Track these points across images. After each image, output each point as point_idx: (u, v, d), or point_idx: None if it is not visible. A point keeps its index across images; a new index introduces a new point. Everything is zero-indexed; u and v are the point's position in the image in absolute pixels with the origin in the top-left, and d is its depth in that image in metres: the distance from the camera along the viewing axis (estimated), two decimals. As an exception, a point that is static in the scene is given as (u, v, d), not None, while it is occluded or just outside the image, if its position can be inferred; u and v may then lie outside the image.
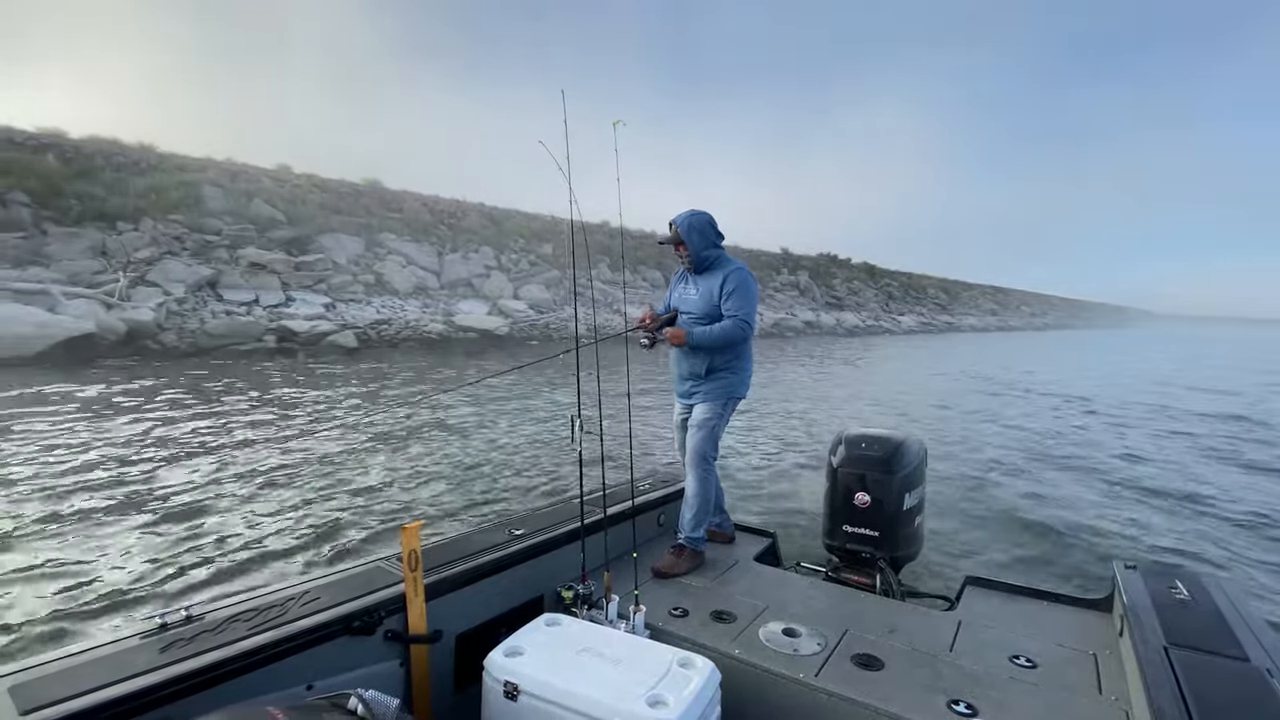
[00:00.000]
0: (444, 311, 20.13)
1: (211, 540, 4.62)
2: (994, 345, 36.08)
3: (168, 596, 3.82)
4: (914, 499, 3.05)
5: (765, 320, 31.34)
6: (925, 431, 9.41)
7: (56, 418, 7.92)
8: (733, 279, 3.00)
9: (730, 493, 4.23)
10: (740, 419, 9.48)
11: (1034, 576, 4.44)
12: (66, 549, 4.39)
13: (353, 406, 9.61)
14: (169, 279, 15.31)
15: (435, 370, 13.95)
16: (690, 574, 2.96)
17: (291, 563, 4.35)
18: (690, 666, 1.80)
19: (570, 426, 2.45)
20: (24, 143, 17.15)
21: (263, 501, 5.44)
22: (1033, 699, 2.05)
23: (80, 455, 6.44)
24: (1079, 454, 8.77)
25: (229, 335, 14.63)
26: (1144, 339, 58.01)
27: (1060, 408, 13.08)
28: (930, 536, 3.61)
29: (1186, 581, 2.46)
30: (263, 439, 7.44)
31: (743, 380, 3.12)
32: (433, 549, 2.36)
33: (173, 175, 18.84)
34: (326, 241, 19.91)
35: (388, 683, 1.98)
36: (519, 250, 25.48)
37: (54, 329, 11.96)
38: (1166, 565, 2.79)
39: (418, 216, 24.09)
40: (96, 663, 1.56)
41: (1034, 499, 6.51)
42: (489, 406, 9.93)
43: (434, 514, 5.32)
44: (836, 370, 18.71)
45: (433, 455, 7.12)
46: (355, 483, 6.00)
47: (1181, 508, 6.46)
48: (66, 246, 14.63)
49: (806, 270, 42.53)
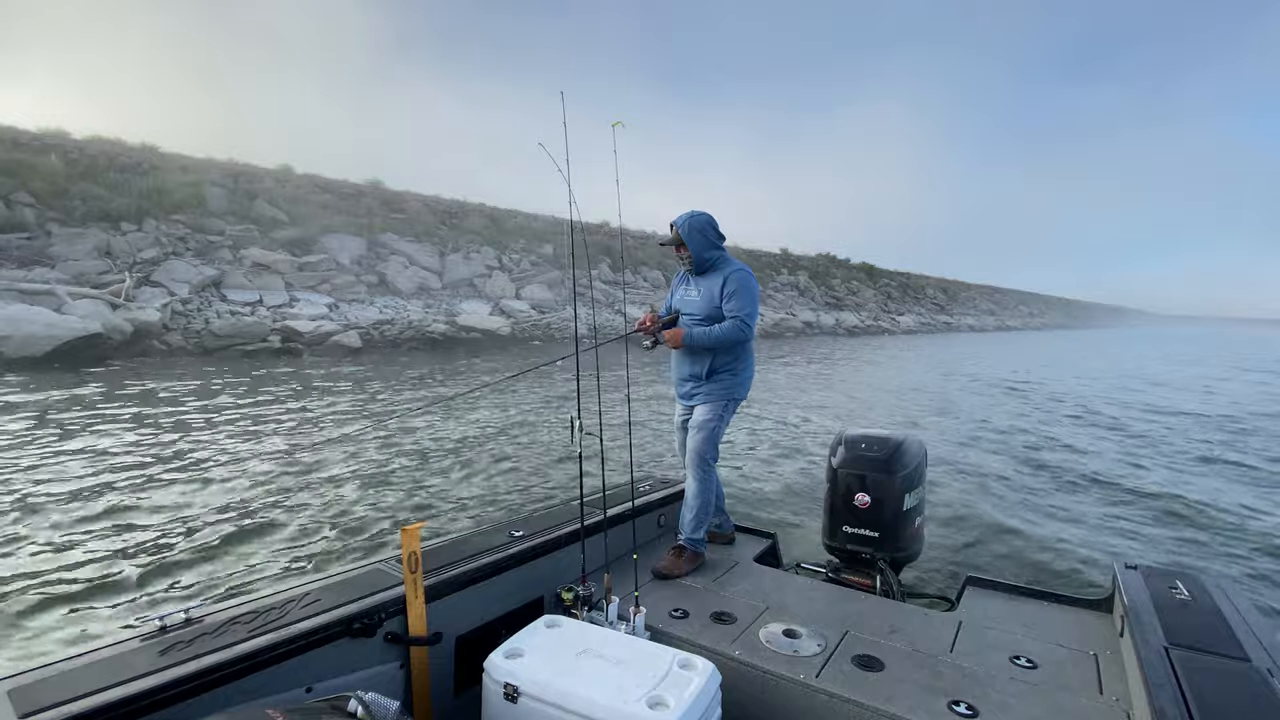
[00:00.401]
0: (446, 312, 20.07)
1: (211, 540, 4.58)
2: (993, 345, 35.98)
3: (167, 599, 3.78)
4: (914, 499, 3.03)
5: (766, 320, 31.30)
6: (925, 432, 9.39)
7: (65, 417, 7.92)
8: (734, 280, 2.97)
9: (730, 494, 4.21)
10: (741, 419, 9.46)
11: (1034, 577, 4.42)
12: (65, 550, 4.36)
13: (360, 409, 9.57)
14: (173, 279, 15.28)
15: (440, 371, 13.88)
16: (690, 575, 2.94)
17: (291, 565, 4.31)
18: (690, 668, 1.79)
19: (570, 428, 2.44)
20: (28, 143, 17.14)
21: (263, 502, 5.40)
22: (1033, 699, 2.03)
23: (80, 458, 6.41)
24: (1080, 454, 8.73)
25: (234, 335, 14.59)
26: (1140, 337, 57.94)
27: (1060, 408, 13.04)
28: (930, 537, 3.59)
29: (1187, 582, 2.46)
30: (264, 440, 7.42)
31: (742, 382, 3.09)
32: (433, 551, 2.35)
33: (175, 176, 18.82)
34: (329, 242, 19.88)
35: (388, 685, 1.97)
36: (520, 250, 25.44)
37: (61, 329, 11.93)
38: (1167, 565, 2.78)
39: (419, 217, 24.05)
40: (96, 665, 1.55)
41: (1034, 499, 6.48)
42: (489, 408, 9.90)
43: (434, 516, 5.28)
44: (840, 370, 18.67)
45: (433, 455, 7.09)
46: (355, 484, 5.97)
47: (1182, 508, 6.43)
48: (71, 247, 14.59)
49: (806, 270, 42.47)
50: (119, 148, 19.60)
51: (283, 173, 22.81)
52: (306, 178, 23.22)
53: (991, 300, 78.15)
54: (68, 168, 16.75)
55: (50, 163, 16.43)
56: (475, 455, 7.16)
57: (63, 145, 17.94)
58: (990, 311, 69.80)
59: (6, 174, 15.13)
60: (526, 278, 24.18)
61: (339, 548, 4.59)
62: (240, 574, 4.15)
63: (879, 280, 51.03)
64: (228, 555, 4.39)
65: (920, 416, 11.29)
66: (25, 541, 4.46)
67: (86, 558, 4.26)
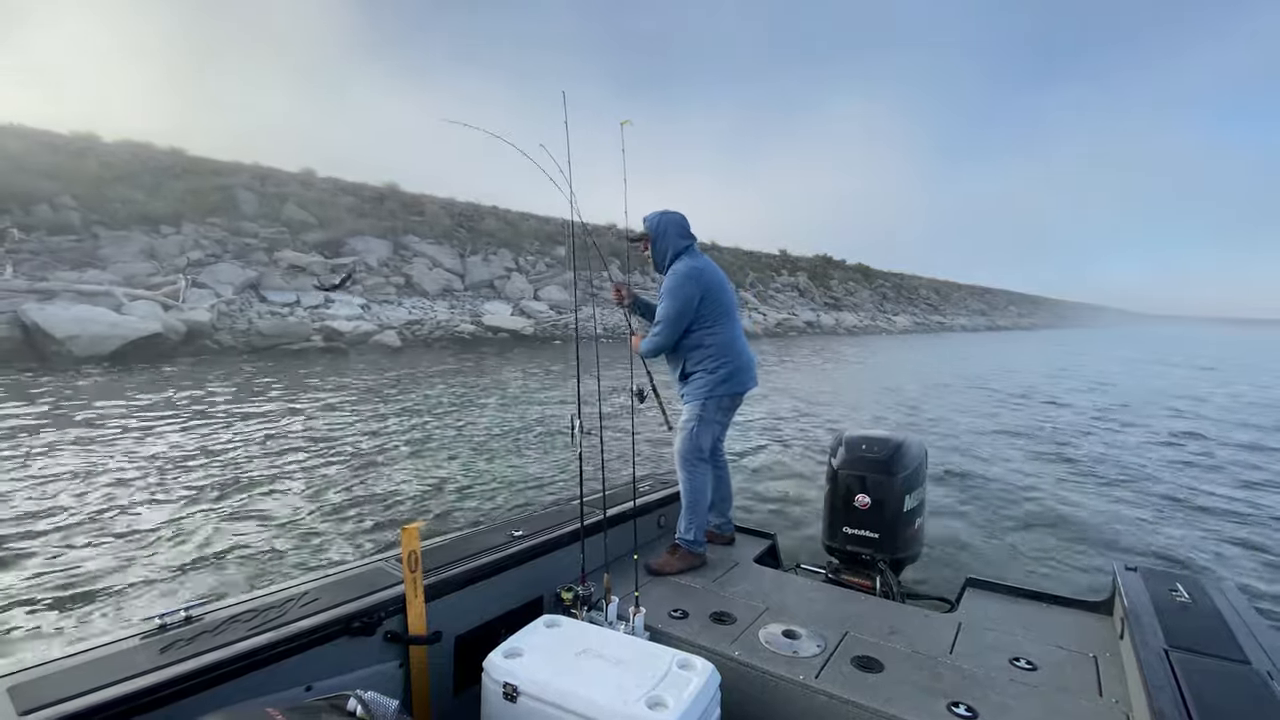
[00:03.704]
0: (471, 312, 20.11)
1: (210, 540, 4.45)
2: (992, 345, 35.62)
3: (167, 597, 3.68)
4: (914, 500, 2.93)
5: (769, 320, 31.25)
6: (925, 432, 9.26)
7: (157, 414, 8.02)
8: (667, 280, 2.90)
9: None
10: (742, 421, 9.32)
11: (1034, 578, 4.29)
12: (74, 549, 4.25)
13: (431, 405, 9.53)
14: (218, 280, 15.43)
15: (478, 368, 13.80)
16: (689, 575, 2.84)
17: (291, 563, 4.19)
18: (690, 668, 1.72)
19: (571, 427, 2.36)
20: (63, 146, 17.24)
21: (262, 501, 5.25)
22: (1033, 701, 1.96)
23: (123, 456, 6.38)
24: (1080, 455, 8.50)
25: (280, 335, 14.70)
26: (1129, 338, 57.26)
27: (1059, 409, 12.79)
28: (930, 538, 3.48)
29: (1187, 584, 2.37)
30: (275, 439, 7.33)
31: (719, 380, 2.91)
32: (432, 550, 2.27)
33: (207, 179, 18.89)
34: (356, 244, 19.93)
35: (387, 684, 1.90)
36: (535, 253, 25.41)
37: (124, 329, 12.12)
38: (1167, 568, 2.69)
39: (437, 219, 24.06)
40: (95, 663, 1.49)
41: (1034, 500, 6.29)
42: (489, 409, 9.71)
43: (434, 515, 5.15)
44: (868, 367, 18.46)
45: (434, 456, 6.91)
46: (356, 482, 5.81)
47: (1182, 509, 6.25)
48: (119, 249, 14.75)
49: (805, 272, 42.26)
50: (148, 151, 19.69)
51: (306, 176, 22.86)
52: (329, 180, 23.26)
53: (982, 300, 77.65)
54: (104, 171, 16.83)
55: (89, 166, 16.52)
56: (476, 455, 7.00)
57: (95, 149, 18.04)
58: (981, 312, 69.39)
59: (49, 177, 15.22)
60: (544, 279, 24.16)
61: (338, 546, 4.46)
62: (239, 572, 4.02)
63: (874, 281, 50.77)
64: (226, 554, 4.26)
65: (920, 416, 11.12)
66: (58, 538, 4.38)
67: (88, 555, 4.14)
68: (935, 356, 25.92)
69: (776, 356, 20.52)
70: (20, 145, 15.98)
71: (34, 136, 17.17)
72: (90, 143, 18.45)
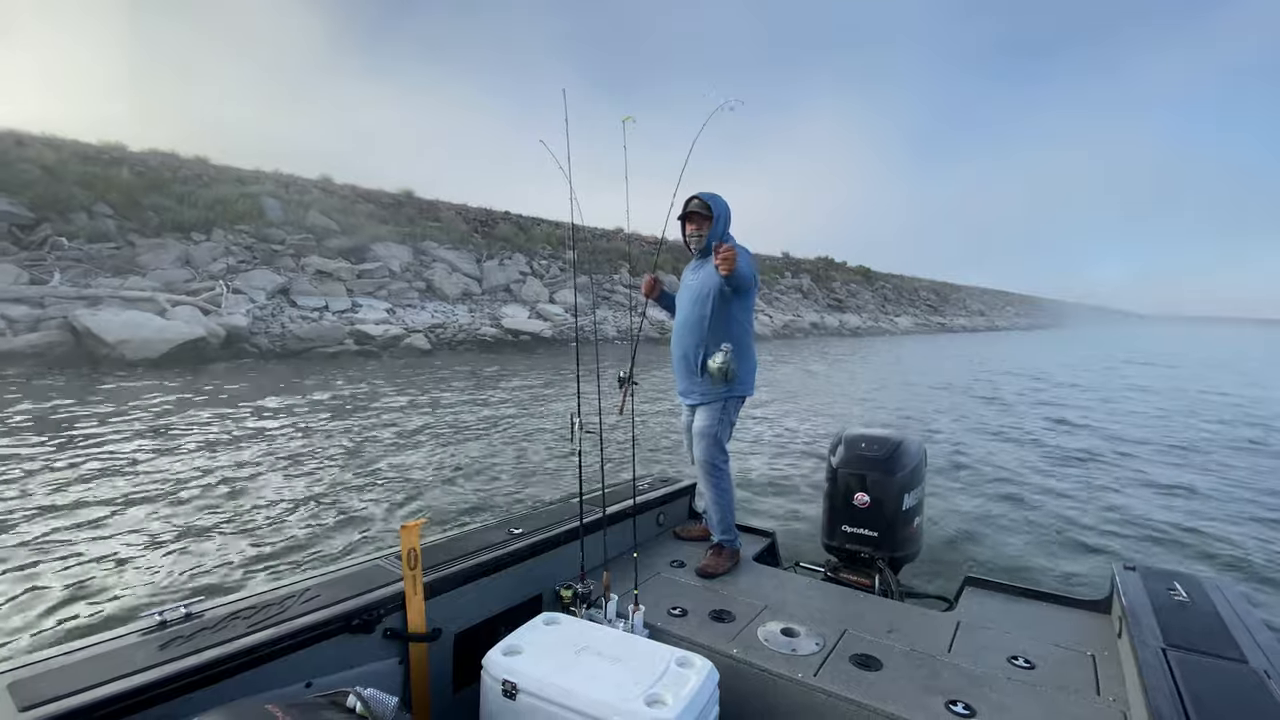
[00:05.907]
0: (490, 316, 20.15)
1: (209, 538, 4.42)
2: (992, 345, 35.16)
3: (167, 593, 3.64)
4: (913, 499, 2.87)
5: (775, 321, 31.06)
6: (924, 432, 9.13)
7: (213, 412, 8.17)
8: (741, 252, 2.63)
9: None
10: (742, 421, 9.21)
11: (1033, 577, 4.20)
12: (78, 547, 4.23)
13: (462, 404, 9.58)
14: (253, 286, 15.59)
15: (508, 371, 13.83)
16: (687, 575, 2.76)
17: (291, 560, 4.15)
18: (688, 666, 1.68)
19: (570, 426, 2.31)
20: (95, 156, 17.40)
21: (262, 500, 5.22)
22: (1031, 700, 1.90)
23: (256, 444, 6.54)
24: (1079, 455, 8.35)
25: (315, 339, 14.81)
26: (1129, 338, 56.41)
27: (1060, 409, 12.57)
28: (929, 537, 3.41)
29: (1185, 583, 2.31)
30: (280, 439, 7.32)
31: (739, 379, 2.81)
32: (432, 547, 2.23)
33: (234, 187, 19.03)
34: (379, 250, 20.01)
35: (386, 681, 1.86)
36: (547, 257, 25.42)
37: (171, 333, 12.28)
38: (1165, 567, 2.62)
39: (453, 225, 24.11)
40: (95, 660, 1.46)
41: (1033, 500, 6.17)
42: (489, 409, 9.67)
43: (434, 512, 5.11)
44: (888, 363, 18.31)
45: (433, 456, 6.85)
46: (356, 481, 5.77)
47: (1182, 510, 6.11)
48: (157, 256, 14.90)
49: (808, 273, 42.00)
50: (176, 160, 19.86)
51: (325, 183, 22.97)
52: (347, 186, 23.36)
53: (980, 301, 76.88)
54: (137, 180, 16.99)
55: (122, 175, 16.67)
56: (476, 454, 6.94)
57: (126, 158, 18.20)
58: (980, 312, 68.69)
59: (84, 186, 15.37)
60: (558, 283, 24.14)
61: (338, 544, 4.41)
62: (239, 570, 3.99)
63: (875, 283, 50.37)
64: (225, 552, 4.24)
65: (919, 417, 10.99)
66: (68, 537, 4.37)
67: (91, 553, 4.11)
68: (946, 355, 25.62)
69: (782, 357, 20.41)
70: (55, 155, 16.14)
71: (67, 147, 17.35)
72: (120, 152, 18.62)
